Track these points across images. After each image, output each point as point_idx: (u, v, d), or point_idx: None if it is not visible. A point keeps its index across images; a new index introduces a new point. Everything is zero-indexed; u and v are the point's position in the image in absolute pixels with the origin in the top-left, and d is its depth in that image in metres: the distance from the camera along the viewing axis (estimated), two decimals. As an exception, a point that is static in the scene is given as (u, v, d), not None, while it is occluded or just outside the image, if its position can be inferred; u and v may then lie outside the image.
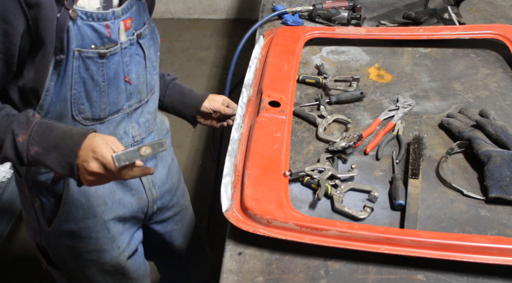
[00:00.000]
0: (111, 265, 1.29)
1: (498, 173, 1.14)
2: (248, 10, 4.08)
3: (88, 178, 0.93)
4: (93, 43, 0.99)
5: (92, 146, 0.91)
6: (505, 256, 0.97)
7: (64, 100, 1.02)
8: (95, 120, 1.08)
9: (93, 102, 1.05)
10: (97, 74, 1.02)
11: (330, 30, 1.73)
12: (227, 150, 1.26)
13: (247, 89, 1.47)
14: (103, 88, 1.05)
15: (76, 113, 1.04)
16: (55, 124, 0.96)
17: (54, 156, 0.92)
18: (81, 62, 0.99)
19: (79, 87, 1.01)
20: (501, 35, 1.64)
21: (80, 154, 0.91)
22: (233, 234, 1.07)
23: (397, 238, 0.99)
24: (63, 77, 0.99)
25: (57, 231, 1.20)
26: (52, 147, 0.92)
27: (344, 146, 1.24)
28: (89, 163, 0.91)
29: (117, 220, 1.25)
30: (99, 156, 0.91)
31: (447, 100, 1.47)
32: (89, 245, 1.23)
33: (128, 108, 1.14)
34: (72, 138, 0.93)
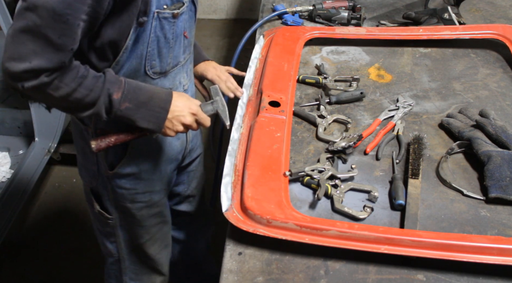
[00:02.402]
0: (158, 205, 1.43)
1: (498, 173, 1.14)
2: (248, 10, 4.08)
3: (179, 128, 1.13)
4: (165, 4, 1.07)
5: (187, 104, 1.13)
6: (505, 256, 0.97)
7: (140, 57, 1.09)
8: (162, 73, 1.17)
9: (163, 58, 1.14)
10: (169, 32, 1.11)
11: (330, 30, 1.73)
12: (227, 150, 1.26)
13: (247, 89, 1.47)
14: (171, 45, 1.14)
15: (148, 68, 1.13)
16: (140, 84, 1.09)
17: (142, 112, 1.07)
18: (158, 22, 1.06)
19: (153, 45, 1.09)
20: (501, 35, 1.64)
21: (173, 109, 1.11)
22: (233, 234, 1.08)
23: (397, 238, 0.99)
24: (142, 37, 1.06)
25: (119, 175, 1.28)
26: (142, 104, 1.07)
27: (344, 146, 1.24)
28: (185, 117, 1.13)
29: (167, 162, 1.36)
30: (194, 111, 1.14)
31: (447, 100, 1.47)
32: (145, 186, 1.34)
33: (183, 61, 1.23)
34: (160, 97, 1.10)
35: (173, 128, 1.13)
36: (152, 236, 1.49)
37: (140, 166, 1.29)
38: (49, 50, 0.93)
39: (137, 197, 1.35)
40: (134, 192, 1.33)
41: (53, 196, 2.60)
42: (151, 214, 1.42)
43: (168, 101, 1.11)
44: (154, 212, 1.43)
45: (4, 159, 2.48)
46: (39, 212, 2.53)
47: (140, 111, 1.07)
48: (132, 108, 1.06)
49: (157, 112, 1.09)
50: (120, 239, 1.47)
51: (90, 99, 1.02)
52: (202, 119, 1.16)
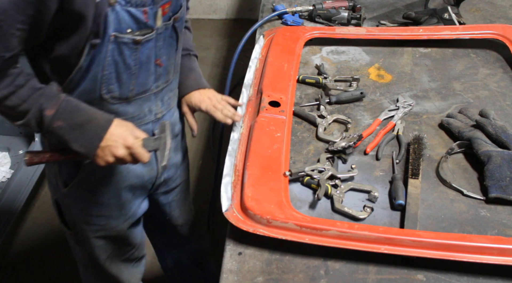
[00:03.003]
0: (116, 231, 1.36)
1: (498, 173, 1.14)
2: (248, 10, 4.08)
3: (110, 159, 1.04)
4: (129, 28, 1.01)
5: (123, 135, 1.04)
6: (505, 256, 0.97)
7: (94, 80, 1.04)
8: (122, 99, 1.11)
9: (123, 84, 1.08)
10: (130, 58, 1.05)
11: (330, 30, 1.73)
12: (227, 150, 1.26)
13: (247, 89, 1.47)
14: (134, 71, 1.08)
15: (105, 92, 1.07)
16: (80, 104, 1.03)
17: (75, 134, 1.01)
18: (116, 46, 1.01)
19: (110, 68, 1.04)
20: (501, 35, 1.64)
21: (107, 137, 1.03)
22: (233, 234, 1.08)
23: (397, 238, 0.99)
24: (96, 59, 1.01)
25: (72, 194, 1.24)
26: (76, 126, 1.01)
27: (344, 146, 1.24)
28: (118, 148, 1.03)
29: (129, 188, 1.29)
30: (129, 144, 1.04)
31: (447, 100, 1.47)
32: (100, 210, 1.29)
33: (155, 89, 1.17)
34: (97, 122, 1.03)
35: (103, 158, 1.04)
36: (111, 257, 1.43)
37: (94, 189, 1.24)
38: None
39: (91, 220, 1.30)
40: (88, 214, 1.29)
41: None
42: (108, 237, 1.37)
43: (105, 128, 1.03)
44: (113, 236, 1.37)
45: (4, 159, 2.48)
46: (39, 212, 2.53)
47: (73, 132, 1.01)
48: (65, 128, 1.00)
49: (90, 137, 1.02)
50: (79, 255, 1.45)
51: (21, 110, 0.99)
52: (137, 154, 1.05)
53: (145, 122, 1.20)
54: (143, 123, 1.19)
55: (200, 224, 1.78)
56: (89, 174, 1.20)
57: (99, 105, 1.08)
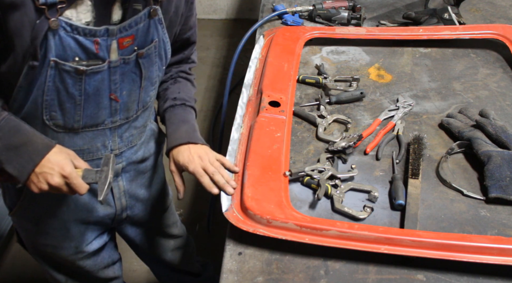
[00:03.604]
0: (67, 260, 1.30)
1: (498, 173, 1.14)
2: (248, 10, 4.08)
3: (43, 187, 0.97)
4: (77, 56, 0.95)
5: (60, 163, 0.97)
6: (505, 256, 0.97)
7: (35, 103, 0.99)
8: (68, 129, 1.06)
9: (66, 113, 1.02)
10: (73, 88, 0.99)
11: (330, 30, 1.73)
12: (227, 150, 1.26)
13: (247, 89, 1.47)
14: (79, 102, 1.01)
15: (47, 118, 1.02)
16: (22, 126, 0.98)
17: (10, 155, 0.96)
18: (57, 72, 0.95)
19: (52, 94, 0.98)
20: (501, 35, 1.64)
21: (42, 164, 0.96)
22: (233, 234, 1.08)
23: (397, 238, 0.99)
24: (36, 82, 0.96)
25: (17, 218, 1.21)
26: (12, 147, 0.96)
27: (344, 146, 1.24)
28: (53, 176, 0.96)
29: (79, 222, 1.23)
30: (66, 174, 0.97)
31: (447, 100, 1.47)
32: (45, 239, 1.24)
33: (110, 124, 1.10)
34: (35, 147, 0.97)
35: (37, 184, 0.97)
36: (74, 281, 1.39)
37: (38, 218, 1.19)
38: None
39: (38, 246, 1.26)
40: (34, 241, 1.25)
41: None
42: (59, 264, 1.32)
43: (41, 153, 0.96)
44: (64, 264, 1.32)
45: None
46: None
47: (8, 153, 0.95)
48: (0, 147, 0.95)
49: (24, 161, 0.96)
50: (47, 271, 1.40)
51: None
52: (75, 185, 0.98)
53: (99, 157, 1.14)
54: (95, 157, 1.14)
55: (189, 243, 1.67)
56: (32, 202, 1.16)
57: (44, 131, 1.03)
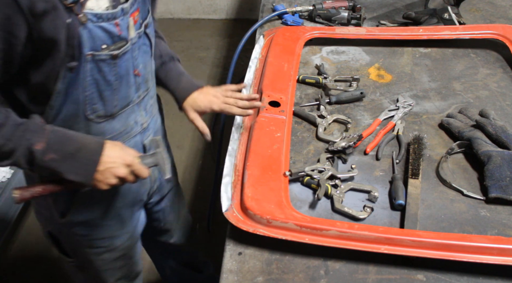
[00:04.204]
0: (120, 249, 1.34)
1: (498, 173, 1.14)
2: (248, 10, 4.08)
3: (112, 181, 1.03)
4: (104, 43, 0.97)
5: (121, 155, 1.03)
6: (505, 256, 0.97)
7: (77, 102, 1.01)
8: (108, 116, 1.08)
9: (106, 101, 1.05)
10: (110, 74, 1.01)
11: (330, 30, 1.73)
12: (227, 150, 1.26)
13: (247, 89, 1.47)
14: (115, 87, 1.04)
15: (90, 113, 1.04)
16: (68, 132, 1.00)
17: (70, 163, 0.98)
18: (94, 65, 0.97)
19: (92, 88, 1.00)
20: (501, 35, 1.64)
21: (104, 161, 1.01)
22: (233, 234, 1.08)
23: (397, 238, 0.99)
24: (75, 81, 0.97)
25: (71, 223, 1.21)
26: (69, 155, 0.98)
27: (344, 146, 1.24)
28: (119, 169, 1.02)
29: (127, 205, 1.28)
30: (129, 162, 1.03)
31: (447, 100, 1.47)
32: (101, 232, 1.27)
33: (137, 99, 1.14)
34: (89, 148, 1.00)
35: (104, 181, 1.02)
36: (118, 279, 1.42)
37: (94, 213, 1.21)
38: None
39: (95, 243, 1.27)
40: (91, 239, 1.26)
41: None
42: (113, 258, 1.35)
43: (98, 152, 1.00)
44: (117, 256, 1.35)
45: (4, 159, 2.48)
46: (39, 212, 2.53)
47: (66, 162, 0.98)
48: (58, 159, 0.96)
49: (86, 164, 0.99)
50: (82, 279, 1.43)
51: (7, 149, 0.93)
52: (138, 170, 1.05)
53: (133, 135, 1.17)
54: (131, 136, 1.17)
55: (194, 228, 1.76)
56: (86, 199, 1.18)
57: (86, 126, 1.05)
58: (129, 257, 1.41)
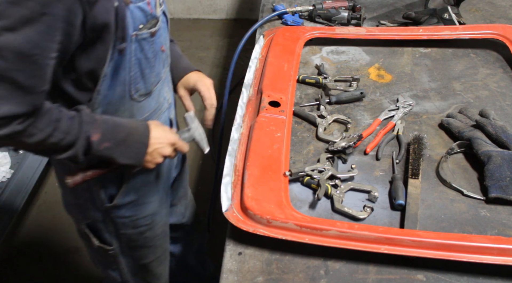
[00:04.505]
0: (160, 226, 1.41)
1: (498, 173, 1.14)
2: (248, 10, 4.08)
3: (158, 160, 1.11)
4: (141, 23, 1.00)
5: (164, 135, 1.11)
6: (505, 256, 0.97)
7: (123, 83, 1.04)
8: (146, 94, 1.13)
9: (146, 79, 1.10)
10: (149, 51, 1.06)
11: (330, 30, 1.72)
12: (227, 150, 1.26)
13: (247, 89, 1.47)
14: (153, 64, 1.09)
15: (134, 93, 1.08)
16: (116, 120, 1.05)
17: (121, 150, 1.04)
18: (137, 44, 1.01)
19: (135, 68, 1.04)
20: (501, 35, 1.64)
21: (152, 143, 1.08)
22: (233, 234, 1.08)
23: (397, 238, 0.99)
24: (122, 63, 1.01)
25: (118, 205, 1.25)
26: (121, 142, 1.04)
27: (344, 146, 1.24)
28: (165, 148, 1.11)
29: (166, 181, 1.36)
30: (173, 141, 1.12)
31: (447, 100, 1.47)
32: (145, 210, 1.32)
33: (163, 75, 1.19)
34: (138, 132, 1.07)
35: (152, 161, 1.10)
36: (158, 256, 1.48)
37: (139, 193, 1.26)
38: (18, 94, 0.86)
39: (139, 222, 1.33)
40: (136, 218, 1.31)
41: (53, 196, 2.60)
42: (154, 235, 1.41)
43: (146, 135, 1.08)
44: (158, 233, 1.42)
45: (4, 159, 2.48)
46: (39, 212, 2.53)
47: (119, 149, 1.04)
48: (111, 147, 1.02)
49: (136, 148, 1.06)
50: (123, 265, 1.44)
51: (66, 142, 0.96)
52: (180, 147, 1.15)
53: (163, 111, 1.23)
54: (162, 112, 1.22)
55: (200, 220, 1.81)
56: (134, 181, 1.23)
57: (130, 107, 1.10)
58: (165, 234, 1.47)
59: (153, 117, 1.18)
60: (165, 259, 1.53)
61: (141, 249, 1.41)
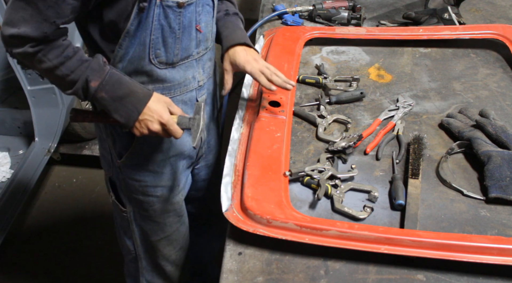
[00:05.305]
0: (171, 202, 1.41)
1: (498, 173, 1.14)
2: (248, 10, 4.07)
3: (144, 132, 1.11)
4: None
5: (159, 111, 1.10)
6: (505, 256, 0.97)
7: (143, 44, 1.10)
8: (168, 64, 1.16)
9: (168, 48, 1.13)
10: (174, 22, 1.10)
11: (330, 30, 1.72)
12: (227, 150, 1.26)
13: (247, 89, 1.47)
14: (178, 35, 1.13)
15: (153, 57, 1.13)
16: (123, 78, 1.09)
17: (116, 105, 1.08)
18: (161, 10, 1.06)
19: (157, 33, 1.09)
20: (501, 35, 1.64)
21: (144, 112, 1.09)
22: (233, 234, 1.08)
23: (397, 238, 0.99)
24: (144, 23, 1.06)
25: (127, 165, 1.30)
26: (117, 98, 1.08)
27: (344, 146, 1.24)
28: (153, 123, 1.10)
29: (179, 157, 1.34)
30: (164, 121, 1.10)
31: (447, 100, 1.47)
32: (155, 179, 1.34)
33: (196, 55, 1.21)
34: (137, 96, 1.09)
35: (140, 129, 1.12)
36: (167, 236, 1.48)
37: (148, 157, 1.29)
38: (36, 19, 0.97)
39: (148, 190, 1.34)
40: (144, 185, 1.33)
41: (53, 196, 2.61)
42: (164, 210, 1.41)
43: (143, 102, 1.09)
44: (168, 210, 1.42)
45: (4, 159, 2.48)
46: (39, 212, 2.53)
47: (114, 104, 1.08)
48: (107, 99, 1.07)
49: (129, 110, 1.09)
50: (136, 234, 1.47)
51: (69, 80, 1.05)
52: (171, 131, 1.12)
53: (190, 89, 1.24)
54: (188, 90, 1.24)
55: None
56: (142, 143, 1.25)
57: (149, 71, 1.14)
58: (177, 215, 1.47)
59: (176, 91, 1.21)
60: (175, 242, 1.52)
61: (151, 222, 1.43)
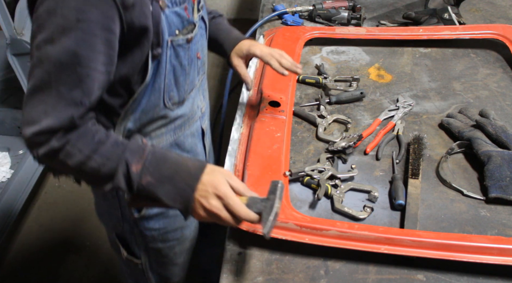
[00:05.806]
0: (190, 240, 1.35)
1: (498, 173, 1.14)
2: (248, 10, 4.08)
3: (201, 214, 0.88)
4: (177, 28, 0.97)
5: (214, 182, 0.87)
6: (505, 256, 0.97)
7: (159, 91, 1.00)
8: (180, 103, 1.08)
9: (180, 87, 1.05)
10: (184, 58, 1.02)
11: (330, 30, 1.73)
12: (227, 150, 1.26)
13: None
14: (188, 71, 1.05)
15: (167, 100, 1.03)
16: (168, 154, 0.91)
17: (167, 188, 0.88)
18: (172, 51, 0.98)
19: (170, 75, 1.00)
20: (501, 35, 1.64)
21: (199, 188, 0.87)
22: (233, 234, 1.08)
23: (397, 238, 0.99)
24: (158, 69, 0.97)
25: (146, 217, 1.19)
26: (165, 179, 0.88)
27: (344, 146, 1.24)
28: (209, 199, 0.87)
29: None
30: (221, 194, 0.87)
31: (447, 100, 1.47)
32: (175, 223, 1.26)
33: (198, 83, 1.15)
34: (188, 171, 0.89)
35: (197, 211, 0.88)
36: (186, 273, 1.44)
37: None
38: (61, 106, 0.83)
39: (168, 236, 1.26)
40: (164, 231, 1.25)
41: (53, 196, 2.61)
42: (184, 249, 1.35)
43: (197, 177, 0.88)
44: (187, 247, 1.36)
45: (4, 159, 2.48)
46: (39, 212, 2.53)
47: (164, 187, 0.88)
48: (154, 184, 0.87)
49: (181, 189, 0.88)
50: (152, 281, 1.39)
51: (107, 170, 0.87)
52: (232, 207, 0.86)
53: (196, 120, 1.18)
54: (194, 121, 1.17)
55: None
56: None
57: (164, 115, 1.05)
58: (192, 250, 1.41)
59: (185, 126, 1.13)
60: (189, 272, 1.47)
61: (171, 267, 1.36)
